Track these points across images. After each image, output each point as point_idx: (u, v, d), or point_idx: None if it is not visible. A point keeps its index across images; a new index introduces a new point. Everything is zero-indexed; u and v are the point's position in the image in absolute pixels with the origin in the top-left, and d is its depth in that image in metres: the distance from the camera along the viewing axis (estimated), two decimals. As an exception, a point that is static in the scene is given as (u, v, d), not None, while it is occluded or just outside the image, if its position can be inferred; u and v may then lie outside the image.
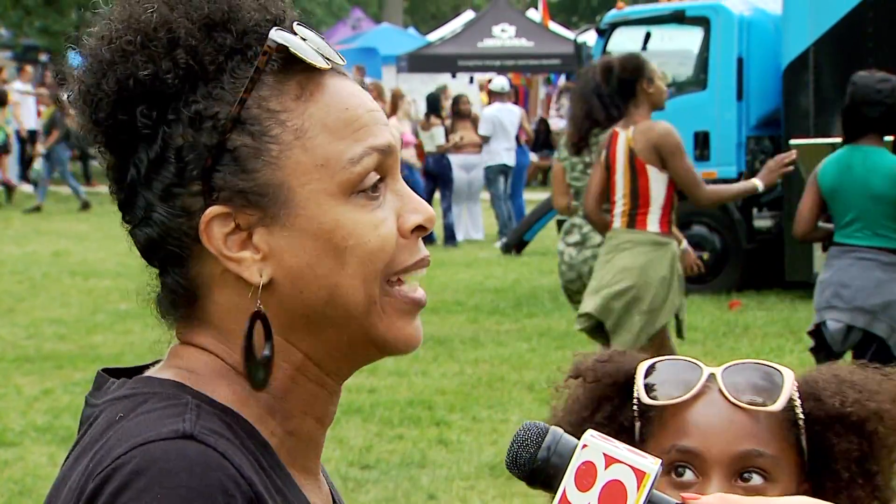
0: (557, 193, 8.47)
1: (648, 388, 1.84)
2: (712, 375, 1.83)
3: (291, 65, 1.41)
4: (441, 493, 7.31)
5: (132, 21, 1.39)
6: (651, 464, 1.46)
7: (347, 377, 1.49)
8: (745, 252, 13.93)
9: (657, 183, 7.22)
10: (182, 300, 1.44)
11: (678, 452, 1.77)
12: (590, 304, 7.40)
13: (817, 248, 12.99)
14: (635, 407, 1.87)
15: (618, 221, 7.39)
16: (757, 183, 7.36)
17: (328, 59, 1.43)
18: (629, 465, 1.45)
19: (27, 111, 26.89)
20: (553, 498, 1.47)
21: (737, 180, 13.55)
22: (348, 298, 1.41)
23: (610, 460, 1.45)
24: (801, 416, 1.84)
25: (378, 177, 1.43)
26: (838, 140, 12.82)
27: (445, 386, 9.83)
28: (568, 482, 1.46)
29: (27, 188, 25.88)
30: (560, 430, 1.48)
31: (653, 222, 7.28)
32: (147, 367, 1.49)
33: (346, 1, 35.67)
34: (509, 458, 1.49)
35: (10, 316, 13.05)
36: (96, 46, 1.41)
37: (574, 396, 1.93)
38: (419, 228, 1.45)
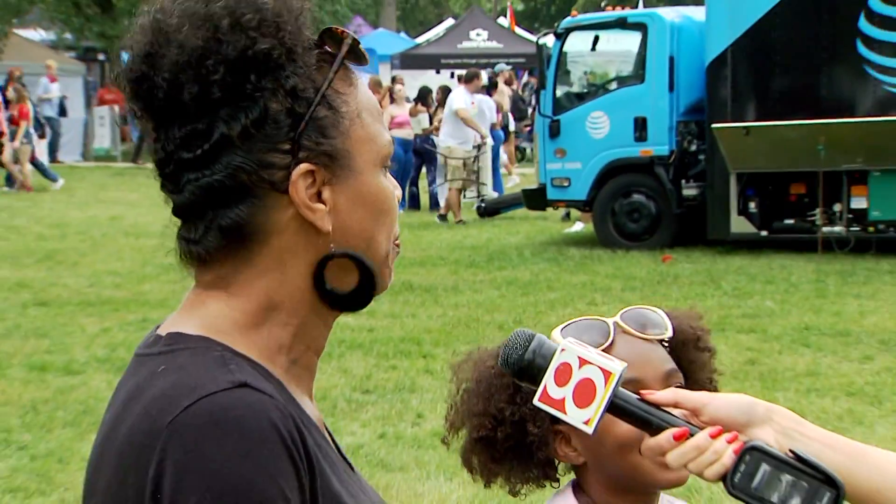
0: None
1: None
2: (616, 323, 1.83)
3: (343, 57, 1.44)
4: (427, 412, 7.32)
5: (250, 2, 1.39)
6: (617, 365, 1.46)
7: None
8: (676, 216, 13.93)
9: None
10: (235, 241, 1.39)
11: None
12: None
13: (734, 211, 13.17)
14: None
15: None
16: None
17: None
18: (598, 367, 1.46)
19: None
20: (536, 391, 1.48)
21: (669, 157, 13.86)
22: (376, 251, 1.42)
23: (583, 362, 1.46)
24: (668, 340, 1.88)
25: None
26: (751, 124, 13.10)
27: (431, 326, 9.83)
28: (548, 379, 1.47)
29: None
30: (543, 336, 1.50)
31: None
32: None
33: (348, 10, 35.34)
34: (502, 359, 1.50)
35: (75, 268, 13.02)
36: (209, 16, 1.37)
37: (486, 385, 1.90)
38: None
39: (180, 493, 1.22)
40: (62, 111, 27.23)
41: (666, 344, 1.85)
